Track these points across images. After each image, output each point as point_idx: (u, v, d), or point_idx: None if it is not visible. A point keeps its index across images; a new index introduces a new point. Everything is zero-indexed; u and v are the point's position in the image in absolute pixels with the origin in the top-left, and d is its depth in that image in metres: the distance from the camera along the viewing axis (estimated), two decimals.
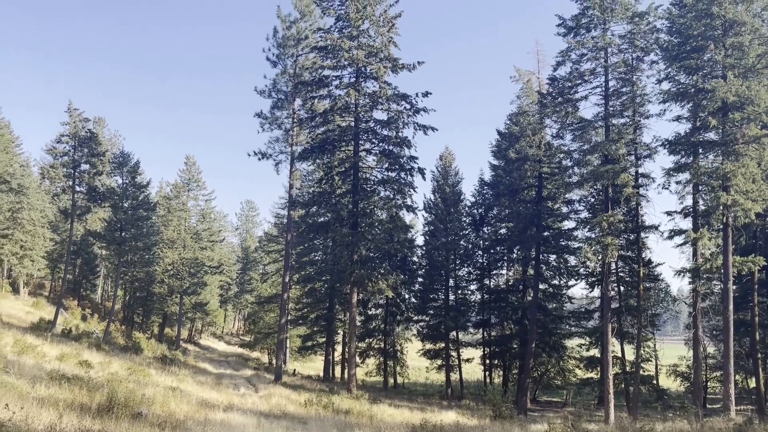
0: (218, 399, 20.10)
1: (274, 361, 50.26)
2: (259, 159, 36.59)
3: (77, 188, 42.60)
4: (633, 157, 29.81)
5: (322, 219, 34.86)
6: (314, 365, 58.71)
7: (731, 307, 23.90)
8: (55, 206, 58.73)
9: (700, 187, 26.12)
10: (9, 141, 58.42)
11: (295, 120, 36.61)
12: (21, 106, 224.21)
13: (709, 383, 45.06)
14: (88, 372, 17.90)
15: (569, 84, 29.44)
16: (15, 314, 42.23)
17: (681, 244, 29.02)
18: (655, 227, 29.58)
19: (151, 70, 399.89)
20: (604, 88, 28.94)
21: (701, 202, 27.62)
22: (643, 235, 30.68)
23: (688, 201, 27.15)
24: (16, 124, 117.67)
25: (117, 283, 49.56)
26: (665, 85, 26.41)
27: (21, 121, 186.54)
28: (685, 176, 25.63)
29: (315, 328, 48.75)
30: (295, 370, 48.84)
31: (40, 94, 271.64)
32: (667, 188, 27.06)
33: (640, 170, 30.64)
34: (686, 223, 28.74)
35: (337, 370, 50.02)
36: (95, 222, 60.13)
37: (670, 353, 46.86)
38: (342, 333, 48.64)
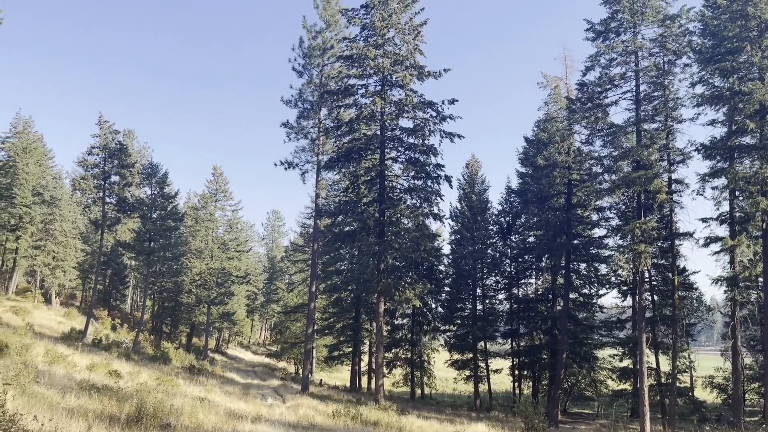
0: (246, 410, 19.95)
1: (300, 371, 50.13)
2: (286, 168, 36.71)
3: (107, 199, 43.21)
4: (666, 163, 29.09)
5: (348, 228, 34.71)
6: (341, 375, 58.47)
7: None
8: (86, 217, 59.71)
9: (737, 193, 25.33)
10: (42, 154, 59.71)
11: (321, 129, 36.64)
12: (53, 117, 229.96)
13: (746, 395, 43.63)
14: (117, 382, 17.92)
15: (599, 89, 28.89)
16: (47, 324, 42.87)
17: (717, 252, 28.23)
18: (690, 234, 28.75)
19: (180, 82, 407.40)
20: (634, 93, 28.32)
21: (738, 208, 26.80)
22: (677, 242, 29.84)
23: (725, 207, 26.40)
24: (49, 137, 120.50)
25: (146, 293, 50.09)
26: (699, 89, 25.77)
27: (53, 132, 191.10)
28: (721, 181, 24.90)
29: (341, 338, 48.53)
30: (321, 380, 48.66)
31: (72, 105, 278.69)
32: (702, 194, 26.35)
33: (674, 176, 29.87)
34: (722, 230, 27.96)
35: (364, 380, 49.68)
36: (125, 233, 61.01)
37: (704, 364, 45.59)
38: (368, 343, 48.36)
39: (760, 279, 26.36)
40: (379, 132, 32.65)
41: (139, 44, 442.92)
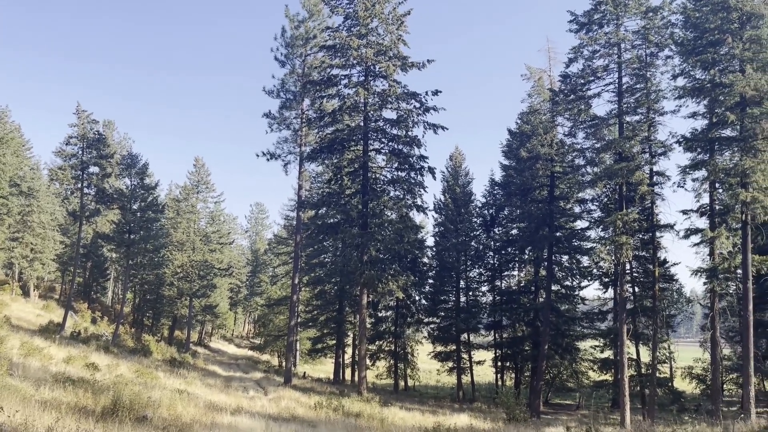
0: (227, 402, 19.75)
1: (283, 364, 49.95)
2: (268, 160, 36.37)
3: (86, 190, 42.54)
4: (647, 155, 29.21)
5: (331, 220, 34.52)
6: (324, 368, 58.35)
7: (751, 307, 23.29)
8: (65, 209, 58.83)
9: (717, 185, 25.50)
10: (19, 144, 58.59)
11: (304, 120, 36.33)
12: (31, 108, 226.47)
13: (724, 385, 44.25)
14: (94, 375, 17.60)
15: (582, 81, 28.93)
16: (25, 317, 42.18)
17: (697, 244, 28.43)
18: (671, 226, 28.94)
19: (160, 71, 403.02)
20: (617, 85, 28.41)
21: (718, 200, 27.01)
22: (658, 234, 30.03)
23: (705, 199, 26.53)
24: (26, 127, 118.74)
25: (126, 285, 49.54)
26: (680, 81, 25.86)
27: (31, 123, 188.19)
28: (701, 173, 25.04)
29: (325, 331, 48.39)
30: (305, 372, 48.51)
31: (49, 95, 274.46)
32: (682, 186, 26.48)
33: (655, 168, 29.99)
34: (702, 222, 28.16)
35: (347, 372, 49.62)
36: (104, 224, 60.22)
37: (683, 355, 46.16)
38: (352, 335, 48.28)
39: (739, 270, 26.63)
40: (362, 123, 32.44)
41: (117, 32, 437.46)
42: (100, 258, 63.33)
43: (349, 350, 50.61)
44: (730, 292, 39.19)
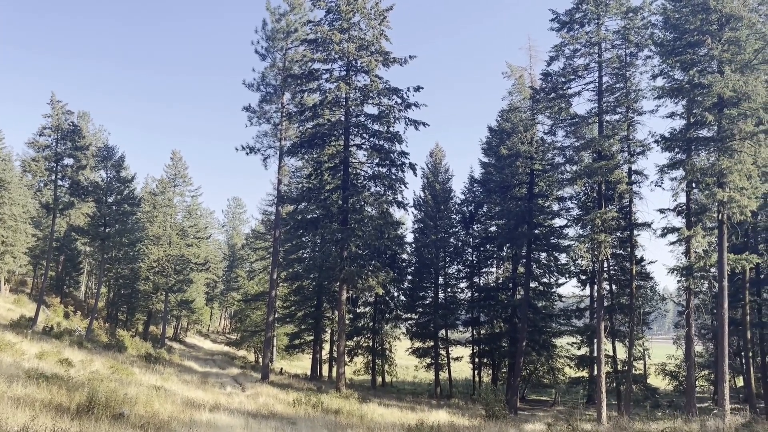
0: (204, 398, 19.50)
1: (260, 360, 49.53)
2: (247, 153, 36.03)
3: (60, 182, 41.66)
4: (626, 154, 29.52)
5: (311, 215, 34.32)
6: (301, 364, 58.09)
7: (726, 305, 23.64)
8: (37, 201, 57.54)
9: (694, 185, 25.84)
10: None
11: (284, 114, 36.01)
12: (2, 100, 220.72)
13: (696, 382, 45.10)
14: (68, 371, 17.23)
15: (563, 79, 29.09)
16: None
17: (674, 242, 28.84)
18: (648, 225, 29.30)
19: (136, 64, 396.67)
20: (597, 84, 28.65)
21: (694, 199, 27.39)
22: (635, 232, 30.39)
23: (682, 198, 26.86)
24: None
25: (101, 280, 48.65)
26: (660, 81, 26.10)
27: (2, 114, 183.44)
28: (679, 173, 25.32)
29: (302, 327, 48.14)
30: (282, 368, 48.21)
31: (23, 88, 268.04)
32: (660, 185, 26.77)
33: (634, 167, 30.40)
34: (679, 221, 28.54)
35: (325, 368, 49.46)
36: (79, 217, 59.05)
37: (656, 352, 46.84)
38: (330, 331, 48.11)
39: (713, 269, 27.06)
40: (343, 118, 32.24)
41: (94, 25, 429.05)
42: (74, 251, 62.08)
43: (326, 346, 50.43)
44: (704, 290, 39.97)
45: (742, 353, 39.31)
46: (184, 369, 34.85)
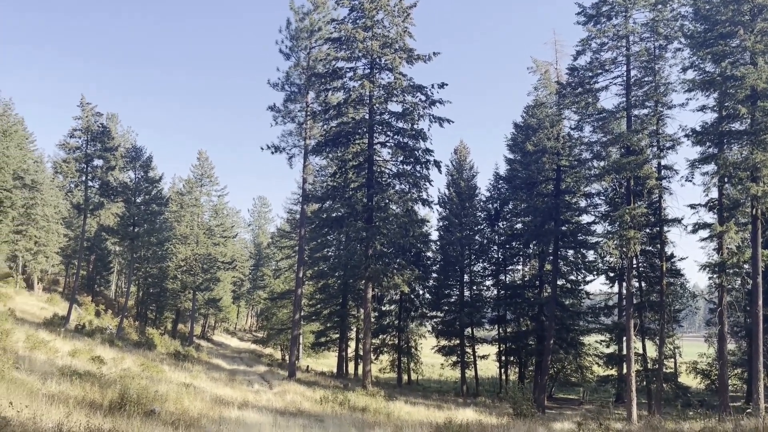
0: (232, 396, 19.68)
1: (287, 358, 49.88)
2: (272, 153, 36.26)
3: (90, 183, 42.45)
4: (655, 149, 28.97)
5: (336, 214, 34.36)
6: (327, 361, 58.34)
7: (760, 302, 23.05)
8: (69, 202, 58.73)
9: (726, 179, 25.26)
10: (23, 137, 58.44)
11: (309, 113, 36.13)
12: (35, 102, 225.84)
13: (729, 380, 44.16)
14: (100, 368, 17.53)
15: (589, 74, 28.68)
16: (29, 310, 42.16)
17: (705, 238, 28.26)
18: (679, 220, 28.72)
19: (163, 66, 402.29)
20: (625, 78, 28.16)
21: (726, 194, 26.77)
22: (665, 228, 29.83)
23: (714, 193, 26.33)
24: (30, 121, 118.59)
25: (130, 278, 49.47)
26: (690, 74, 25.54)
27: (35, 117, 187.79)
28: (710, 167, 24.79)
29: (328, 324, 48.31)
30: (308, 366, 48.48)
31: (54, 90, 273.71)
32: (691, 180, 26.30)
33: (663, 162, 29.77)
34: (710, 217, 27.97)
35: (351, 366, 49.58)
36: (108, 217, 60.16)
37: (687, 350, 46.02)
38: (355, 329, 48.21)
39: (746, 266, 26.45)
40: (367, 116, 32.22)
41: (123, 27, 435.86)
42: (104, 251, 63.27)
43: (352, 344, 50.52)
44: (736, 287, 39.08)
45: None
46: (212, 367, 35.26)
